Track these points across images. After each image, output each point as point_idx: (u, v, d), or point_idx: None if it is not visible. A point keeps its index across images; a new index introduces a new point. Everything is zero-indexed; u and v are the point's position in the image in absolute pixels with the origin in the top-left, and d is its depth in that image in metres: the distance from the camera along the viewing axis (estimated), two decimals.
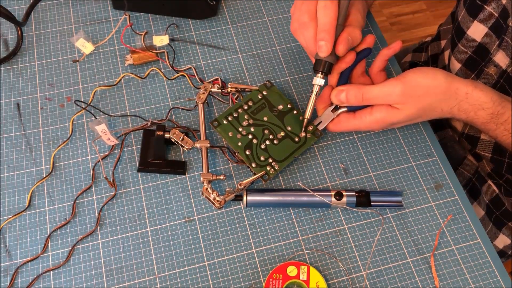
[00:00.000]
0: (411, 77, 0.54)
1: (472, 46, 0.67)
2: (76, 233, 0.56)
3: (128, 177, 0.59)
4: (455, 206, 0.59)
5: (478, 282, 0.54)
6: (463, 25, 0.67)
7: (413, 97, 0.54)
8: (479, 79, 0.67)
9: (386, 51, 0.58)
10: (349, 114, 0.58)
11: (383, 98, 0.55)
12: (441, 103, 0.55)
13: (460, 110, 0.56)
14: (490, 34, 0.64)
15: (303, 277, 0.53)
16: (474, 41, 0.66)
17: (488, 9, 0.63)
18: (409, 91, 0.54)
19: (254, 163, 0.58)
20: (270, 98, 0.63)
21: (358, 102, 0.56)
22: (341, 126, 0.58)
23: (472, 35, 0.66)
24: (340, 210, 0.58)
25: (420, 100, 0.54)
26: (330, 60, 0.56)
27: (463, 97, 0.55)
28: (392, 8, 1.73)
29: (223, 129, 0.60)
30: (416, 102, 0.54)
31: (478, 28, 0.65)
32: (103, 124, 0.58)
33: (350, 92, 0.56)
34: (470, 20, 0.66)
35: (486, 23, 0.64)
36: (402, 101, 0.54)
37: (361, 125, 0.57)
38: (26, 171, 0.59)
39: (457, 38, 0.69)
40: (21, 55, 0.67)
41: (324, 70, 0.56)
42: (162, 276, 0.54)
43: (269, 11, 0.73)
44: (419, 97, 0.54)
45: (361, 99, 0.55)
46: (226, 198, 0.56)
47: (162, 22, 0.71)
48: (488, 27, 0.64)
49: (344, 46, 0.54)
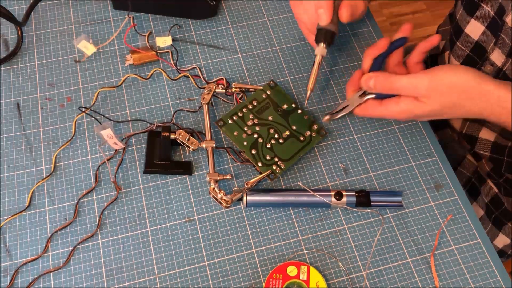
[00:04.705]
0: (439, 73, 0.53)
1: (470, 45, 0.67)
2: (76, 233, 0.56)
3: (128, 178, 0.59)
4: (455, 206, 0.59)
5: (478, 282, 0.54)
6: (461, 23, 0.67)
7: (438, 93, 0.53)
8: None
9: (424, 44, 0.58)
10: (376, 101, 0.57)
11: (409, 90, 0.54)
12: (468, 102, 0.54)
13: (492, 113, 0.54)
14: (486, 32, 0.64)
15: (303, 277, 0.53)
16: (472, 40, 0.66)
17: (485, 7, 0.63)
18: (435, 86, 0.53)
19: (260, 162, 0.59)
20: (274, 97, 0.63)
21: (385, 90, 0.55)
22: (367, 112, 0.58)
23: (469, 33, 0.66)
24: (340, 210, 0.58)
25: (444, 96, 0.53)
26: (332, 29, 0.55)
27: (494, 100, 0.53)
28: (392, 8, 1.73)
29: (228, 129, 0.61)
30: (440, 98, 0.53)
31: (475, 26, 0.65)
32: (108, 129, 0.58)
33: (378, 79, 0.55)
34: (468, 18, 0.66)
35: (483, 21, 0.64)
36: (427, 95, 0.53)
37: (386, 113, 0.56)
38: (26, 171, 0.59)
39: (455, 36, 0.69)
40: (21, 55, 0.67)
41: (326, 40, 0.56)
42: (162, 276, 0.54)
43: (269, 11, 0.73)
44: (442, 94, 0.53)
45: (389, 88, 0.55)
46: (233, 197, 0.56)
47: (162, 22, 0.71)
48: (485, 25, 0.64)
49: (347, 11, 0.54)
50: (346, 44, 0.70)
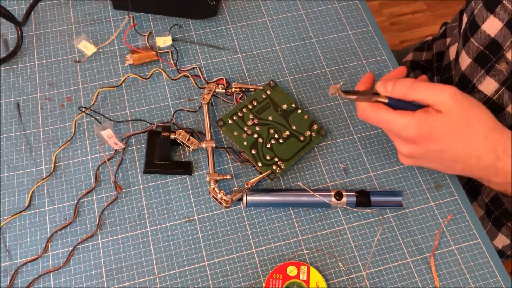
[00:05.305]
0: (467, 96, 0.52)
1: (485, 41, 0.66)
2: (76, 233, 0.56)
3: (128, 178, 0.59)
4: (455, 206, 0.59)
5: (478, 282, 0.54)
6: (478, 19, 0.66)
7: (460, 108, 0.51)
8: (489, 75, 0.67)
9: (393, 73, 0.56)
10: (386, 107, 0.53)
11: (432, 93, 0.51)
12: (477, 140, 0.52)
13: None
14: (505, 29, 0.63)
15: (303, 277, 0.53)
16: (488, 36, 0.66)
17: (506, 4, 0.62)
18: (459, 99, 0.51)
19: (260, 162, 0.59)
20: (274, 97, 0.63)
21: (403, 93, 0.52)
22: (371, 114, 0.53)
23: (486, 30, 0.65)
24: (340, 210, 0.58)
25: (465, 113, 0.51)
26: None
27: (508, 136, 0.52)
28: (392, 8, 1.73)
29: (228, 129, 0.61)
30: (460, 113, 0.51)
31: (494, 22, 0.64)
32: (108, 129, 0.58)
33: (399, 82, 0.52)
34: (487, 14, 0.65)
35: (502, 18, 0.63)
36: (450, 104, 0.51)
37: (394, 121, 0.52)
38: (26, 171, 0.59)
39: (470, 32, 0.68)
40: (21, 55, 0.67)
41: None
42: (162, 276, 0.54)
43: (269, 11, 0.73)
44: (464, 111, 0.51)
45: (409, 88, 0.51)
46: (233, 197, 0.56)
47: (162, 22, 0.71)
48: (504, 22, 0.63)
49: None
50: (346, 44, 0.70)
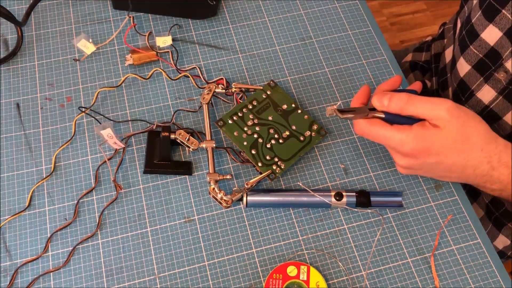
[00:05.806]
0: (466, 109, 0.53)
1: (485, 50, 0.66)
2: (76, 233, 0.56)
3: (128, 178, 0.59)
4: (455, 206, 0.59)
5: (478, 282, 0.54)
6: (477, 27, 0.66)
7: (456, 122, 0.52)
8: (487, 83, 0.67)
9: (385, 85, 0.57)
10: (383, 122, 0.53)
11: (429, 107, 0.51)
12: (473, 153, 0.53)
13: None
14: (504, 39, 0.63)
15: (303, 277, 0.53)
16: (487, 45, 0.65)
17: (505, 14, 0.62)
18: (456, 113, 0.52)
19: (260, 162, 0.59)
20: (274, 97, 0.63)
21: (399, 107, 0.52)
22: (368, 130, 0.54)
23: (486, 38, 0.65)
24: (340, 210, 0.58)
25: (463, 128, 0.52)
26: None
27: (503, 146, 0.54)
28: (392, 8, 1.73)
29: (228, 129, 0.61)
30: (457, 127, 0.52)
31: (493, 31, 0.64)
32: (108, 128, 0.58)
33: (394, 97, 0.52)
34: (486, 23, 0.65)
35: (502, 28, 0.63)
36: (447, 119, 0.51)
37: (391, 137, 0.53)
38: (26, 171, 0.59)
39: (469, 40, 0.68)
40: (21, 55, 0.67)
41: None
42: (162, 276, 0.54)
43: (269, 11, 0.73)
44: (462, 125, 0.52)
45: (405, 103, 0.52)
46: (233, 197, 0.56)
47: (162, 22, 0.71)
48: (503, 31, 0.63)
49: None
50: (346, 44, 0.70)
